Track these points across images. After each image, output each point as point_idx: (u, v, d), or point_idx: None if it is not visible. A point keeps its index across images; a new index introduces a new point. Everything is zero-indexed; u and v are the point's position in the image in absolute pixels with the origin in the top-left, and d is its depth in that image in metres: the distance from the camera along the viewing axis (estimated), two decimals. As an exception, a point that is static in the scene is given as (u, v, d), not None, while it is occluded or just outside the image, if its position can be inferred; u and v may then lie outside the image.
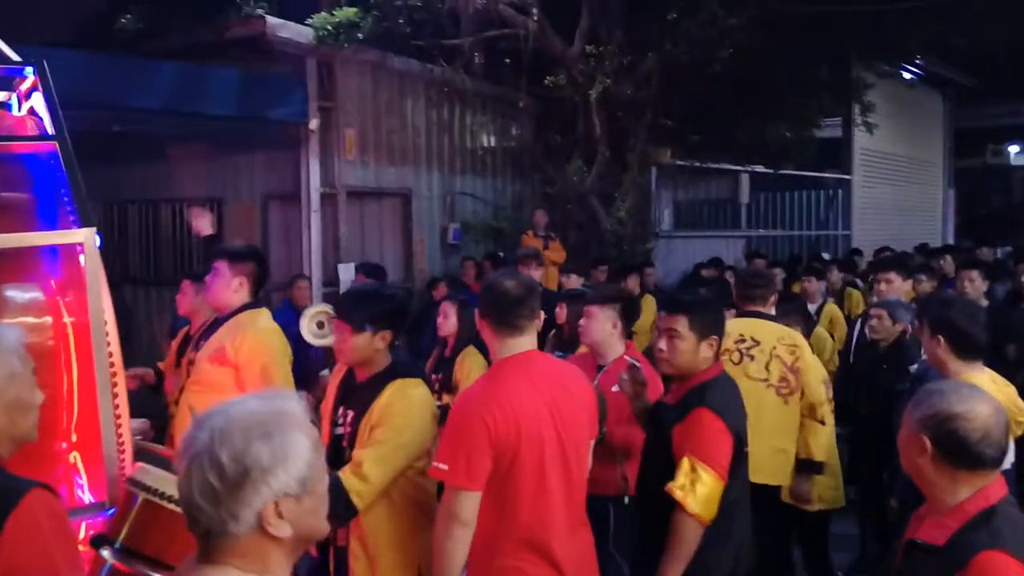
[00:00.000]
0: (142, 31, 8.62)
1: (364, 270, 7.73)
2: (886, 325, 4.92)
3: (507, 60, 10.46)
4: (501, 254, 9.31)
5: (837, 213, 15.29)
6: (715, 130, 11.56)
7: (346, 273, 8.72)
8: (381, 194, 9.47)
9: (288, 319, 6.90)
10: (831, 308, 7.01)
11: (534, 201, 10.89)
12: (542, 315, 2.86)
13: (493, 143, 10.91)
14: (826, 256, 13.17)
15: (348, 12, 8.34)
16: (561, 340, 5.19)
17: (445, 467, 2.57)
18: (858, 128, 13.70)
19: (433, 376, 4.86)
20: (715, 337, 3.01)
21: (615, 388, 3.56)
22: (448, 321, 5.05)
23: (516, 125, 11.19)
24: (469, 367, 4.82)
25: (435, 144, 10.03)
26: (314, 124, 8.50)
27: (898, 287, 5.39)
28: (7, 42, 6.60)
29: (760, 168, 13.12)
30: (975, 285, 5.73)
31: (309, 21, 8.26)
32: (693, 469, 2.77)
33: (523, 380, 2.66)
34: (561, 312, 5.03)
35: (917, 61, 15.43)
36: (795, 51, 10.41)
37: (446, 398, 4.74)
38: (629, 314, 4.03)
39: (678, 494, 2.76)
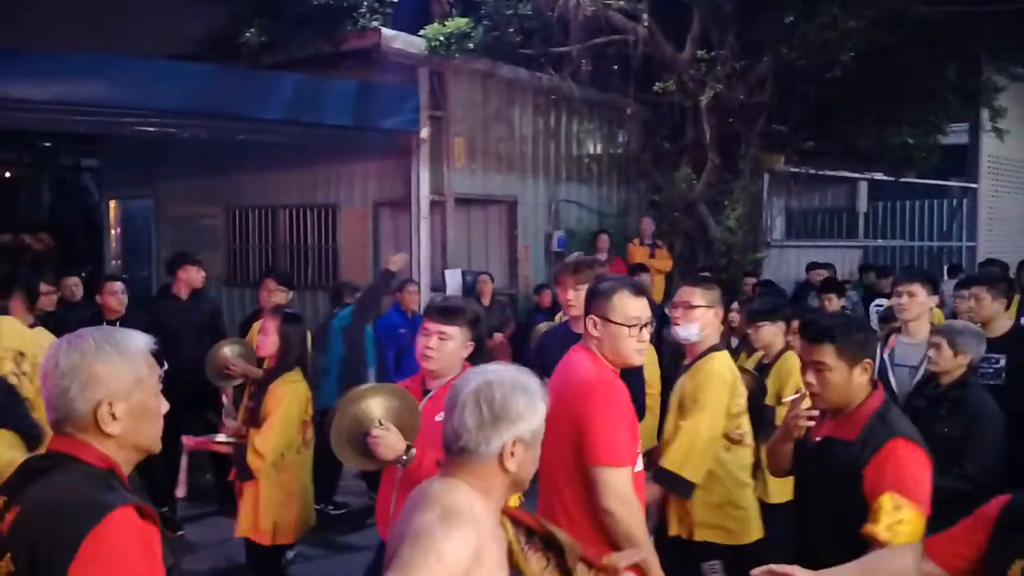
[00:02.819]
0: (264, 44, 8.97)
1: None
2: (946, 356, 3.92)
3: (615, 66, 10.41)
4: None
5: (961, 224, 14.52)
6: (832, 136, 11.18)
7: (452, 279, 8.86)
8: (488, 201, 9.57)
9: (397, 322, 7.10)
10: None
11: (640, 209, 10.78)
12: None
13: (599, 150, 10.87)
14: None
15: (459, 22, 8.47)
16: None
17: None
18: (987, 134, 12.99)
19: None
20: (868, 360, 2.71)
21: (439, 417, 3.17)
22: (268, 339, 4.15)
23: (623, 132, 11.12)
24: (282, 396, 3.98)
25: (541, 151, 10.08)
26: (425, 133, 8.67)
27: (922, 301, 4.48)
28: (138, 56, 7.01)
29: (879, 175, 12.62)
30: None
31: (421, 32, 8.44)
32: (897, 508, 2.47)
33: None
34: None
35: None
36: (919, 53, 9.98)
37: (253, 433, 3.97)
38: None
39: (884, 536, 2.45)
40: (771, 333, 4.75)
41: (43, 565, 1.58)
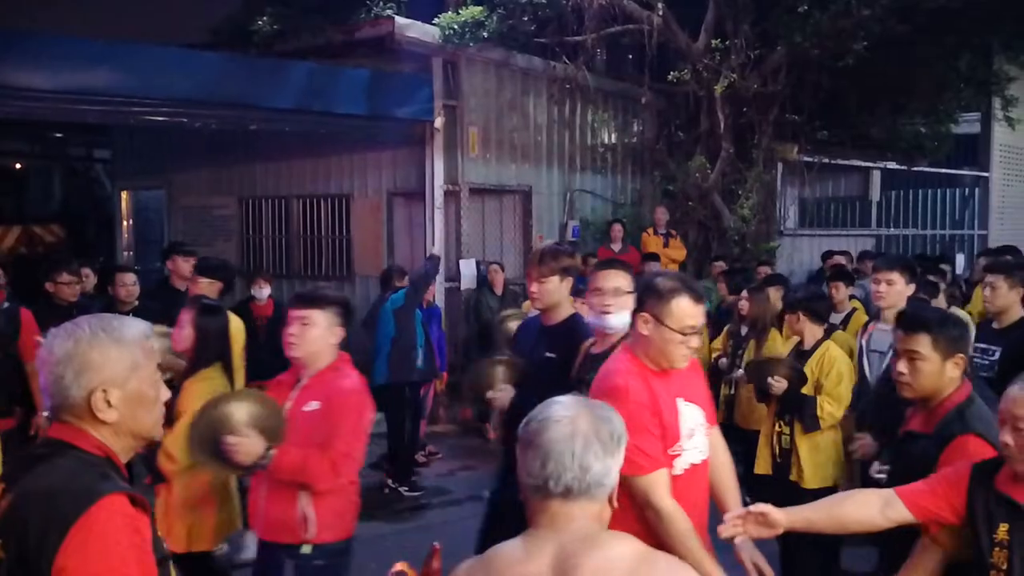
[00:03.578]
0: (276, 33, 8.94)
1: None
2: None
3: (630, 56, 10.37)
4: None
5: (973, 212, 14.47)
6: (845, 125, 11.13)
7: (467, 268, 8.85)
8: (502, 191, 9.55)
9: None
10: (859, 318, 5.93)
11: (654, 198, 10.75)
12: None
13: (614, 139, 10.83)
14: (960, 257, 12.53)
15: (474, 11, 8.43)
16: None
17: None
18: (998, 123, 12.92)
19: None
20: (962, 356, 2.70)
21: (313, 405, 3.12)
22: (184, 332, 3.76)
23: (638, 121, 11.08)
24: (196, 395, 3.49)
25: (556, 141, 10.04)
26: (439, 122, 8.64)
27: (900, 290, 4.39)
28: (148, 44, 6.97)
29: (892, 164, 12.57)
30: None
31: (436, 21, 8.40)
32: None
33: None
34: None
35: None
36: (932, 42, 9.92)
37: (166, 433, 3.27)
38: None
39: None
40: (807, 323, 4.74)
41: (33, 551, 1.58)
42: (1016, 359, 4.05)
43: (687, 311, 2.66)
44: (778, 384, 4.49)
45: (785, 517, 2.41)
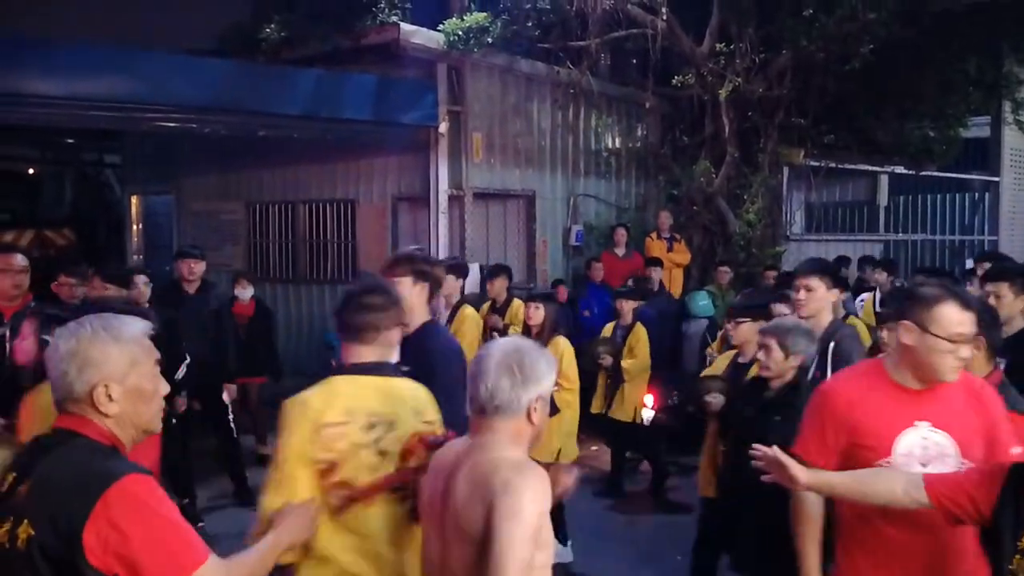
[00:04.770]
0: (284, 40, 9.02)
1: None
2: (776, 358, 3.67)
3: (634, 60, 10.39)
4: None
5: (983, 217, 14.41)
6: (852, 129, 11.11)
7: (471, 273, 8.87)
8: (506, 196, 9.59)
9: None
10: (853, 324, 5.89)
11: (659, 203, 10.77)
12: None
13: (618, 144, 10.86)
14: (969, 263, 12.46)
15: (478, 17, 8.48)
16: None
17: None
18: (1008, 127, 12.87)
19: None
20: (981, 338, 2.86)
21: None
22: (25, 344, 3.60)
23: (642, 126, 11.11)
24: (37, 409, 3.08)
25: (560, 146, 10.08)
26: (443, 128, 8.70)
27: (821, 296, 4.11)
28: (159, 52, 7.04)
29: (900, 169, 12.52)
30: None
31: (440, 27, 8.46)
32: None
33: None
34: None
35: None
36: (940, 45, 9.89)
37: None
38: None
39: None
40: (751, 331, 4.43)
41: (63, 530, 1.72)
42: None
43: (955, 318, 2.53)
44: (715, 401, 4.30)
45: (806, 476, 2.47)
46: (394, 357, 2.70)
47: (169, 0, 10.84)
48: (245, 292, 7.62)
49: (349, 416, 2.45)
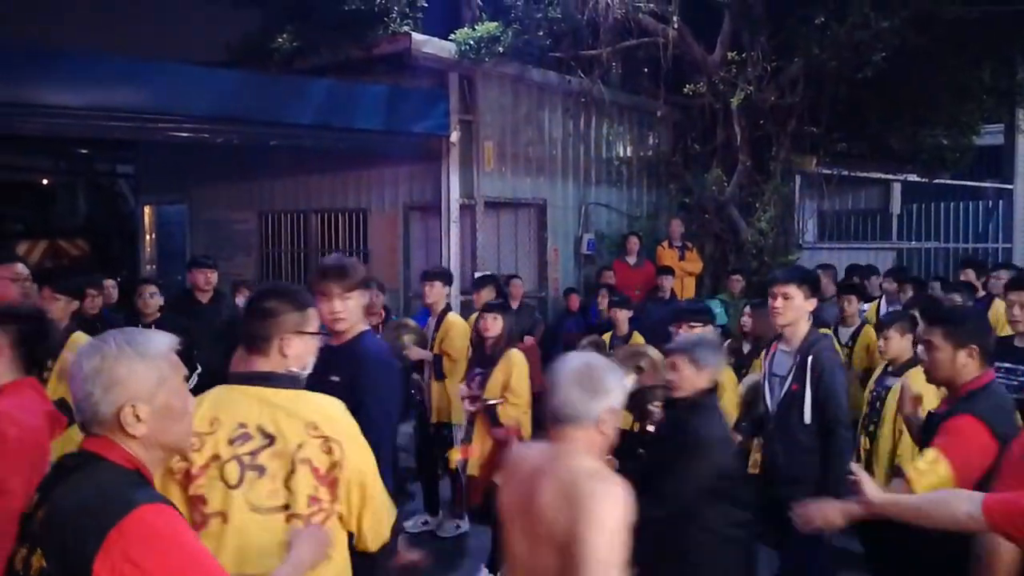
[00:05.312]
0: (296, 50, 9.07)
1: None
2: (686, 375, 3.41)
3: (645, 69, 10.38)
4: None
5: (997, 225, 14.31)
6: (864, 137, 11.06)
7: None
8: (517, 204, 9.59)
9: (425, 323, 7.17)
10: (869, 332, 5.84)
11: (670, 211, 10.74)
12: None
13: (629, 153, 10.85)
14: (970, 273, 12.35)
15: (489, 27, 8.50)
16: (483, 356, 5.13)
17: None
18: (1022, 135, 12.81)
19: None
20: (974, 346, 3.01)
21: None
22: None
23: (653, 134, 11.10)
24: None
25: (571, 154, 10.08)
26: (455, 137, 8.71)
27: (799, 305, 4.00)
28: (170, 62, 7.09)
29: (913, 177, 12.46)
30: None
31: (452, 36, 8.48)
32: (935, 461, 2.83)
33: None
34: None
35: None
36: (953, 53, 9.84)
37: None
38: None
39: (912, 474, 2.85)
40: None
41: (72, 561, 1.63)
42: None
43: None
44: (658, 411, 4.13)
45: (879, 498, 2.55)
46: (300, 367, 2.45)
47: (181, 13, 10.92)
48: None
49: (214, 427, 2.28)
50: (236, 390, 2.36)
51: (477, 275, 7.77)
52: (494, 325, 5.06)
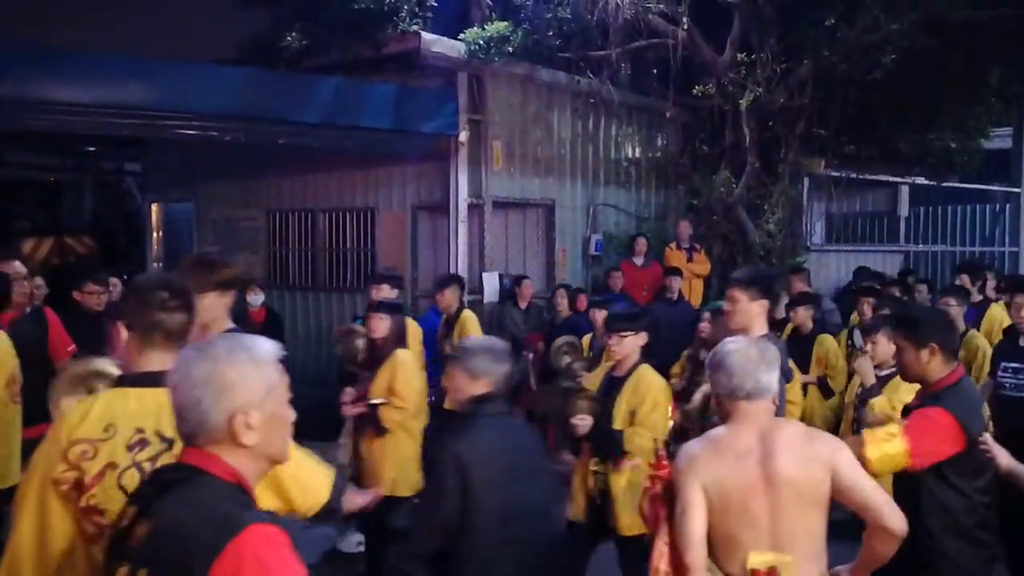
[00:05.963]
0: (305, 48, 9.06)
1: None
2: (461, 384, 3.18)
3: (654, 70, 10.37)
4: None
5: (1004, 229, 14.26)
6: (873, 140, 11.04)
7: (490, 281, 8.88)
8: (525, 204, 9.58)
9: (435, 323, 7.16)
10: None
11: (678, 212, 10.73)
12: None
13: (638, 154, 10.84)
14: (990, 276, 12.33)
15: (499, 26, 8.49)
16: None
17: None
18: (1031, 138, 12.77)
19: None
20: (934, 344, 3.21)
21: None
22: None
23: (662, 135, 11.08)
24: None
25: (579, 155, 10.07)
26: (463, 136, 8.70)
27: (745, 308, 3.94)
28: (179, 60, 7.09)
29: (921, 180, 12.43)
30: None
31: (461, 36, 8.47)
32: (892, 435, 3.04)
33: None
34: None
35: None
36: (961, 56, 9.81)
37: None
38: None
39: (867, 436, 3.08)
40: (631, 344, 4.19)
41: None
42: None
43: None
44: (582, 423, 4.00)
45: (1006, 462, 3.06)
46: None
47: (191, 12, 10.93)
48: (257, 298, 7.73)
49: (109, 432, 2.14)
50: (130, 393, 2.21)
51: (440, 274, 7.76)
52: (380, 326, 4.82)
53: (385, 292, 5.88)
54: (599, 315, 6.28)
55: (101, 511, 2.10)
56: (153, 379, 2.16)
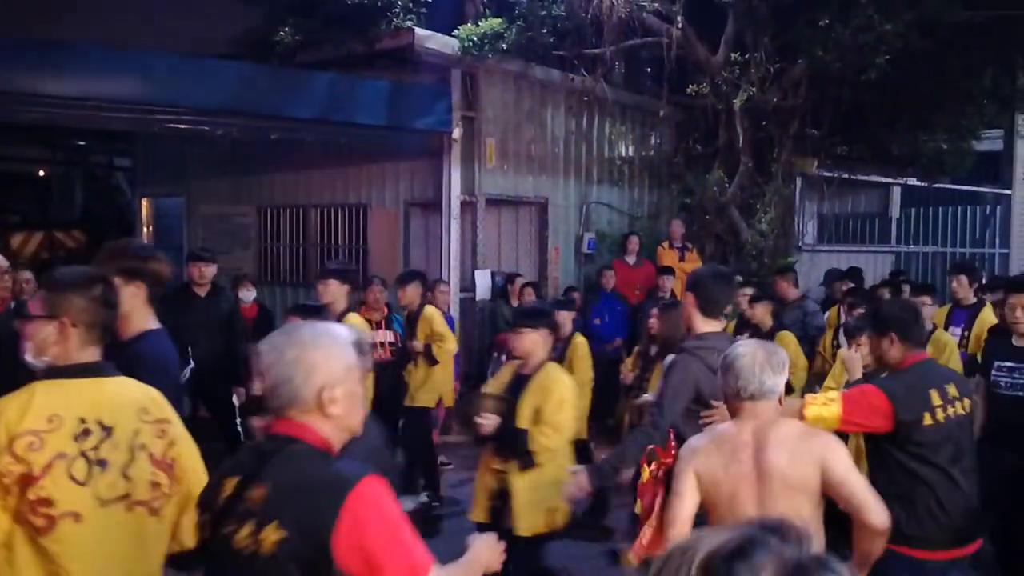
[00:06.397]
0: (298, 43, 9.00)
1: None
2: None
3: (648, 69, 10.37)
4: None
5: (995, 231, 14.34)
6: (865, 140, 11.06)
7: (482, 279, 8.85)
8: (518, 202, 9.56)
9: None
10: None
11: (671, 211, 10.72)
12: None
13: (631, 152, 10.83)
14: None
15: (493, 23, 8.46)
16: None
17: None
18: (1021, 140, 12.84)
19: None
20: (894, 334, 3.50)
21: None
22: None
23: (655, 134, 11.08)
24: None
25: (573, 153, 10.05)
26: (457, 133, 8.67)
27: (533, 340, 4.10)
28: (172, 54, 7.03)
29: (913, 181, 12.47)
30: None
31: (455, 32, 8.44)
32: (831, 400, 3.33)
33: None
34: None
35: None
36: (954, 58, 9.83)
37: None
38: None
39: (808, 398, 3.40)
40: (534, 341, 4.09)
41: (312, 533, 1.75)
42: None
43: None
44: (487, 422, 3.92)
45: None
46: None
47: (184, 6, 10.83)
48: (248, 295, 7.73)
49: (54, 423, 2.17)
50: (69, 384, 2.26)
51: (402, 271, 7.57)
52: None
53: (333, 289, 5.29)
54: (562, 316, 6.07)
55: (51, 502, 2.13)
56: (90, 369, 2.30)
